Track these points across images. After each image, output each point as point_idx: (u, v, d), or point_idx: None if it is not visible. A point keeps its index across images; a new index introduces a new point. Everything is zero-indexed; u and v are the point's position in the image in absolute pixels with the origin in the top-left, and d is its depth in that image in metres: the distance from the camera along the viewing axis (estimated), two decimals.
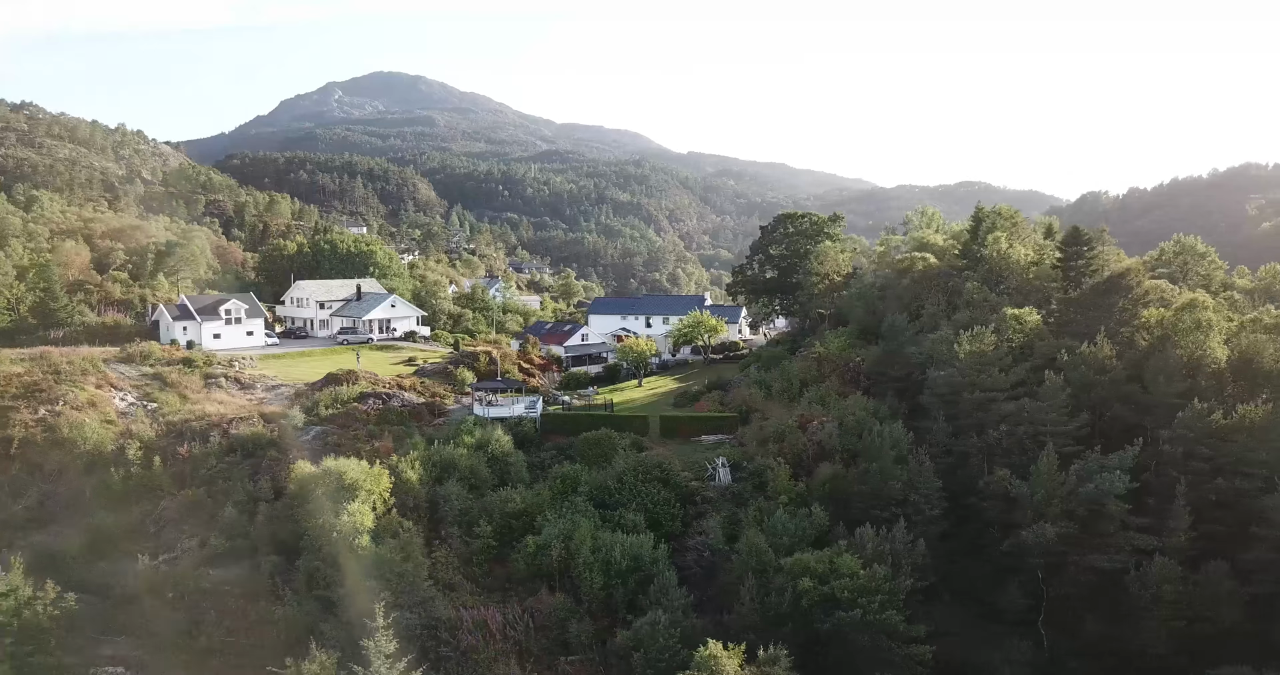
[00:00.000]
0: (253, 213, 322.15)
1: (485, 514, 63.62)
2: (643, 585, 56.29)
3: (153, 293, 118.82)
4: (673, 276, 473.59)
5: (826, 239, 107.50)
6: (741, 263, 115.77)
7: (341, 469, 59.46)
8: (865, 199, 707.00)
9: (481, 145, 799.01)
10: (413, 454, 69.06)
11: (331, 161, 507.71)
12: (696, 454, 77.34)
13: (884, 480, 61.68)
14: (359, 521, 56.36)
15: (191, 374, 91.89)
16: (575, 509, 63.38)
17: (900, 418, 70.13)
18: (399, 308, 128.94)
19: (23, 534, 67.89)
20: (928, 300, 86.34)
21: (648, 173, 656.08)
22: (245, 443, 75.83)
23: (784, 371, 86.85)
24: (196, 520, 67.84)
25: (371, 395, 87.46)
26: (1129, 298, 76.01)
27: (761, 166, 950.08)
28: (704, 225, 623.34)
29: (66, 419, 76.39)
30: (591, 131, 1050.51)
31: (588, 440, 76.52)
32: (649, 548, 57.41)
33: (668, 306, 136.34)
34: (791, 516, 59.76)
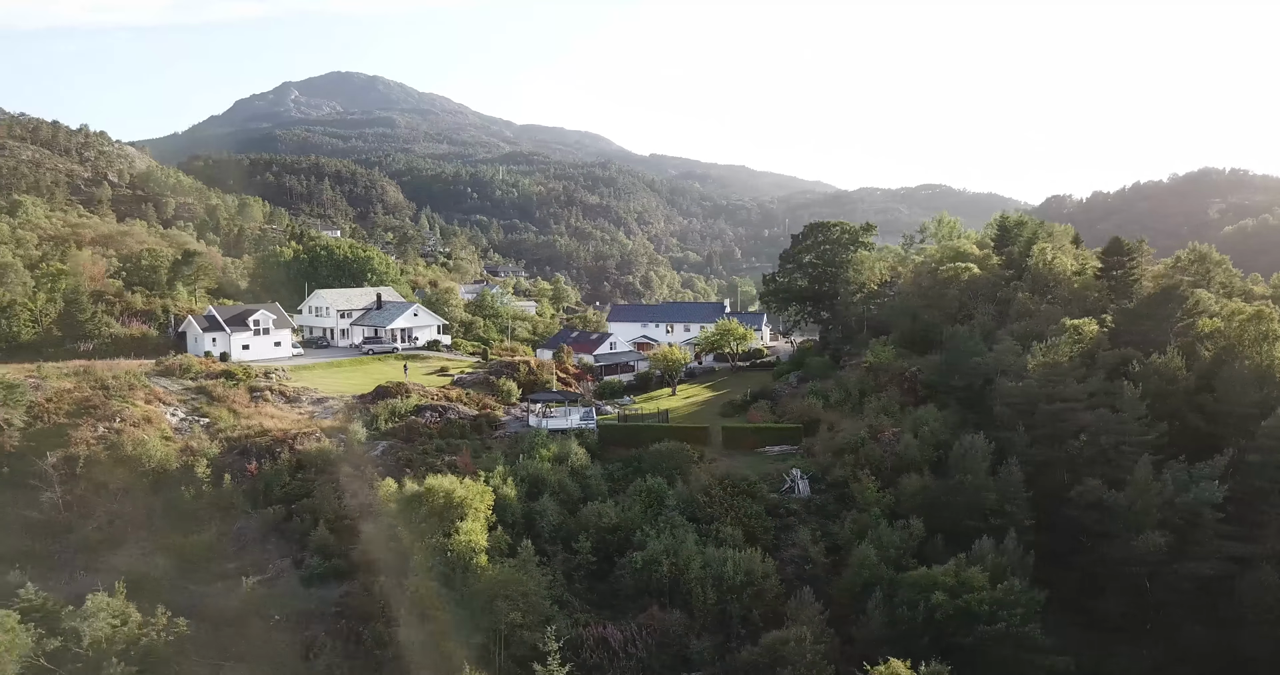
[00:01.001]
0: (225, 216, 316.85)
1: (582, 529, 63.59)
2: (756, 600, 56.82)
3: (174, 303, 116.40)
4: (645, 280, 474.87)
5: (861, 248, 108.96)
6: (773, 271, 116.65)
7: (448, 487, 58.91)
8: (830, 202, 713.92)
9: (445, 147, 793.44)
10: (499, 469, 68.66)
11: (298, 163, 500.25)
12: (765, 466, 77.95)
13: (977, 491, 62.75)
14: (474, 541, 56.01)
15: (236, 388, 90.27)
16: (671, 524, 63.58)
17: (980, 429, 71.19)
18: (421, 316, 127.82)
19: (97, 555, 66.36)
20: (977, 310, 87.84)
21: (614, 175, 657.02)
22: (314, 459, 74.91)
23: (840, 382, 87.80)
24: (281, 539, 66.98)
25: (428, 408, 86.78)
26: (1184, 308, 78.11)
27: (723, 169, 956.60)
28: (671, 228, 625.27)
29: (129, 436, 74.71)
30: (552, 133, 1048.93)
31: (659, 453, 76.66)
32: (759, 562, 57.87)
33: (688, 314, 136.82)
34: (890, 529, 60.63)
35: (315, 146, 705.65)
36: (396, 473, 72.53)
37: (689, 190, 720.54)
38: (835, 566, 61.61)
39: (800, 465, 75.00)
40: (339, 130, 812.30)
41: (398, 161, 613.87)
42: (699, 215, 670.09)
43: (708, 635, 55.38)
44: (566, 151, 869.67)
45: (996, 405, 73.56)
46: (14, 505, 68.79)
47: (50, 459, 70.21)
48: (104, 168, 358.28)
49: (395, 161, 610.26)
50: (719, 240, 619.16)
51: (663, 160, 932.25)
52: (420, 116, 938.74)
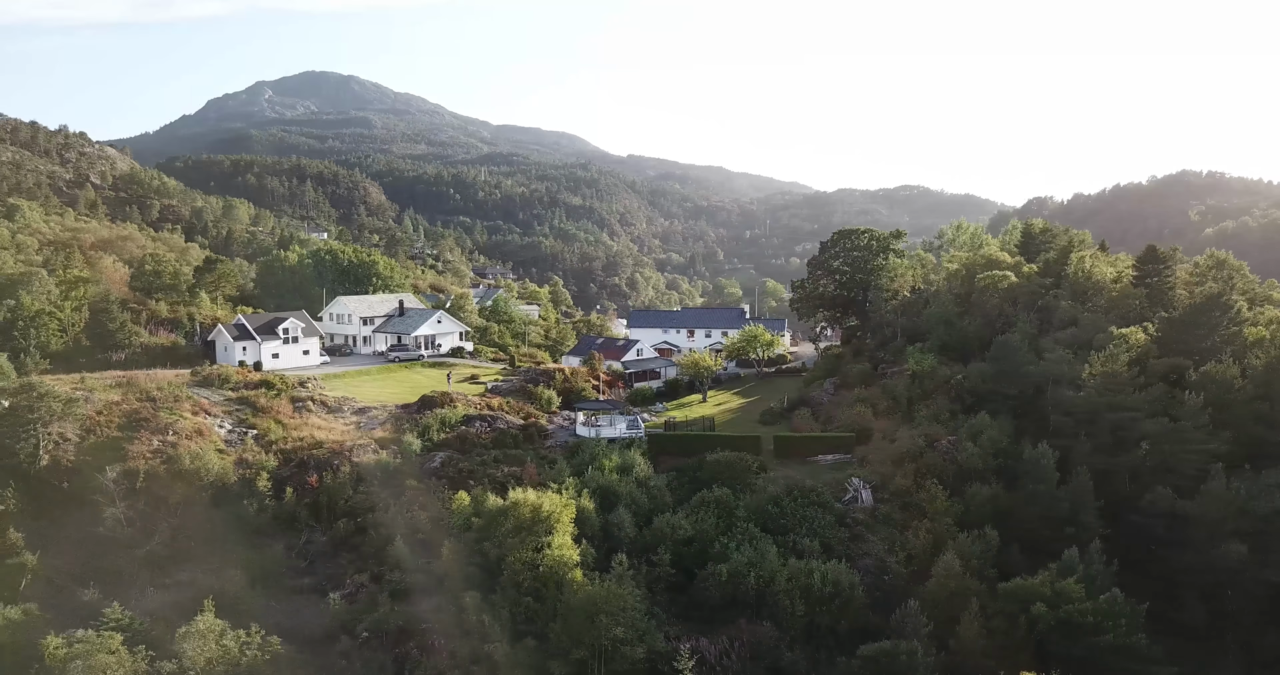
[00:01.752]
0: (211, 219, 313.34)
1: (659, 541, 63.76)
2: (843, 611, 57.35)
3: (198, 310, 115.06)
4: (631, 281, 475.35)
5: (892, 254, 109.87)
6: (802, 278, 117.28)
7: (535, 501, 58.93)
8: (809, 203, 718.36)
9: (423, 147, 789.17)
10: (570, 481, 68.68)
11: (279, 164, 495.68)
12: (822, 475, 78.42)
13: (1051, 501, 63.65)
14: (567, 555, 56.09)
15: (279, 398, 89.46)
16: (748, 535, 63.95)
17: (1038, 438, 72.10)
18: (444, 324, 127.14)
19: (165, 571, 65.71)
20: (1019, 318, 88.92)
21: (596, 176, 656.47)
22: (373, 471, 74.50)
23: (887, 389, 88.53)
24: (353, 554, 66.67)
25: (476, 418, 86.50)
26: (1229, 316, 79.60)
27: (701, 170, 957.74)
28: (653, 229, 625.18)
29: (185, 450, 73.90)
30: (529, 134, 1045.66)
31: (718, 463, 76.88)
32: (847, 573, 58.39)
33: (709, 320, 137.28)
34: (966, 539, 61.36)
35: (292, 147, 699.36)
36: (458, 485, 72.57)
37: (669, 191, 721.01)
38: (913, 577, 62.18)
39: (859, 474, 75.53)
40: (315, 130, 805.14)
41: (378, 162, 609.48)
42: (680, 216, 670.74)
43: (799, 647, 55.83)
44: (545, 152, 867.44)
45: (1054, 414, 74.52)
46: (77, 521, 68.00)
47: (110, 474, 69.28)
48: (85, 169, 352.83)
49: (375, 162, 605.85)
50: (701, 241, 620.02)
51: (641, 161, 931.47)
52: (397, 117, 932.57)
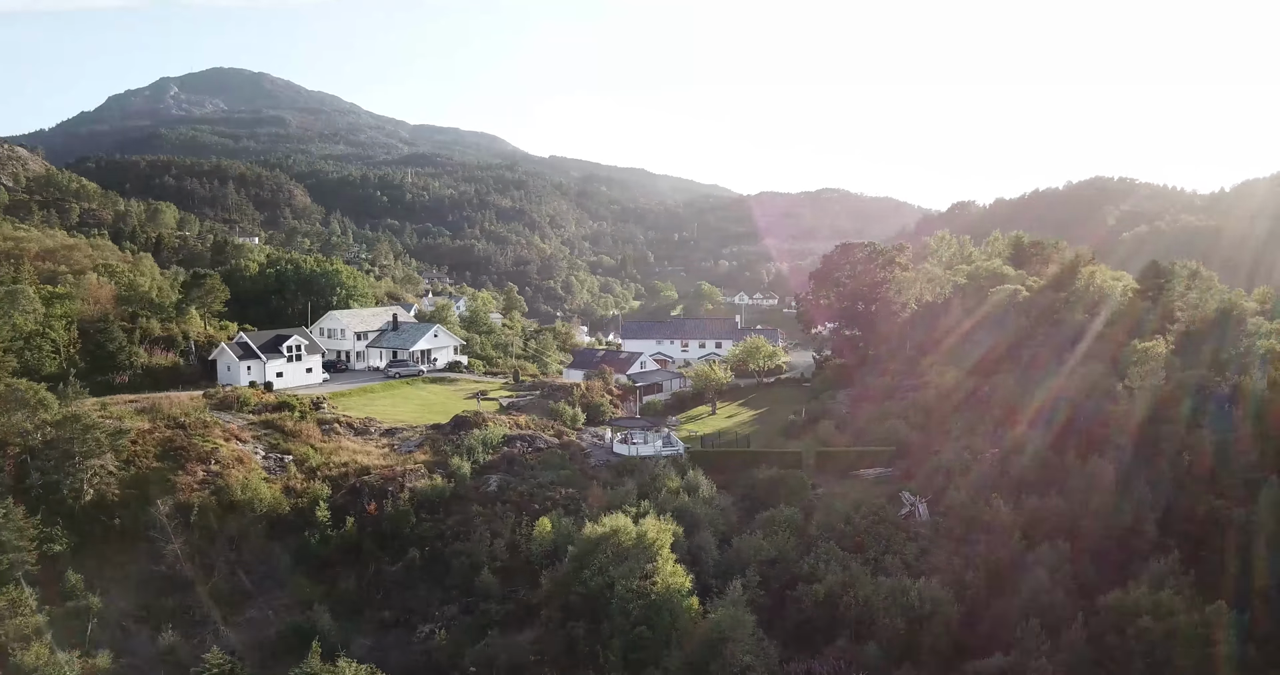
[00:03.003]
0: (136, 223, 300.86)
1: (744, 563, 64.17)
2: (943, 628, 58.72)
3: (191, 328, 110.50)
4: (566, 284, 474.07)
5: (898, 268, 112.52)
6: (805, 291, 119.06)
7: (632, 526, 58.80)
8: (734, 206, 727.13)
9: (342, 147, 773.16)
10: (644, 504, 68.57)
11: (199, 165, 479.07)
12: (870, 490, 79.98)
13: (1114, 513, 66.28)
14: (679, 582, 56.16)
15: (304, 421, 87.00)
16: (831, 554, 64.89)
17: (1082, 451, 74.90)
18: (440, 337, 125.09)
19: (231, 608, 63.55)
20: (1039, 332, 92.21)
21: (524, 178, 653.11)
22: (431, 497, 73.09)
23: (917, 403, 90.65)
24: (432, 584, 65.29)
25: (517, 438, 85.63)
26: (1241, 329, 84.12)
27: (623, 172, 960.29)
28: (582, 231, 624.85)
29: (235, 479, 71.30)
30: (448, 134, 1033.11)
31: (772, 480, 77.80)
32: (941, 590, 59.82)
33: (703, 331, 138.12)
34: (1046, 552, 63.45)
35: (204, 146, 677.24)
36: (523, 509, 71.95)
37: (596, 193, 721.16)
38: (991, 591, 63.88)
39: (909, 489, 77.25)
40: (228, 129, 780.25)
41: (300, 163, 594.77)
42: (609, 219, 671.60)
43: (905, 666, 56.97)
44: (466, 152, 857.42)
45: (1096, 427, 77.47)
46: (135, 560, 65.01)
47: (164, 508, 66.48)
48: None
49: (298, 164, 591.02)
50: (631, 244, 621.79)
51: (563, 162, 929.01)
52: (312, 116, 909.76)
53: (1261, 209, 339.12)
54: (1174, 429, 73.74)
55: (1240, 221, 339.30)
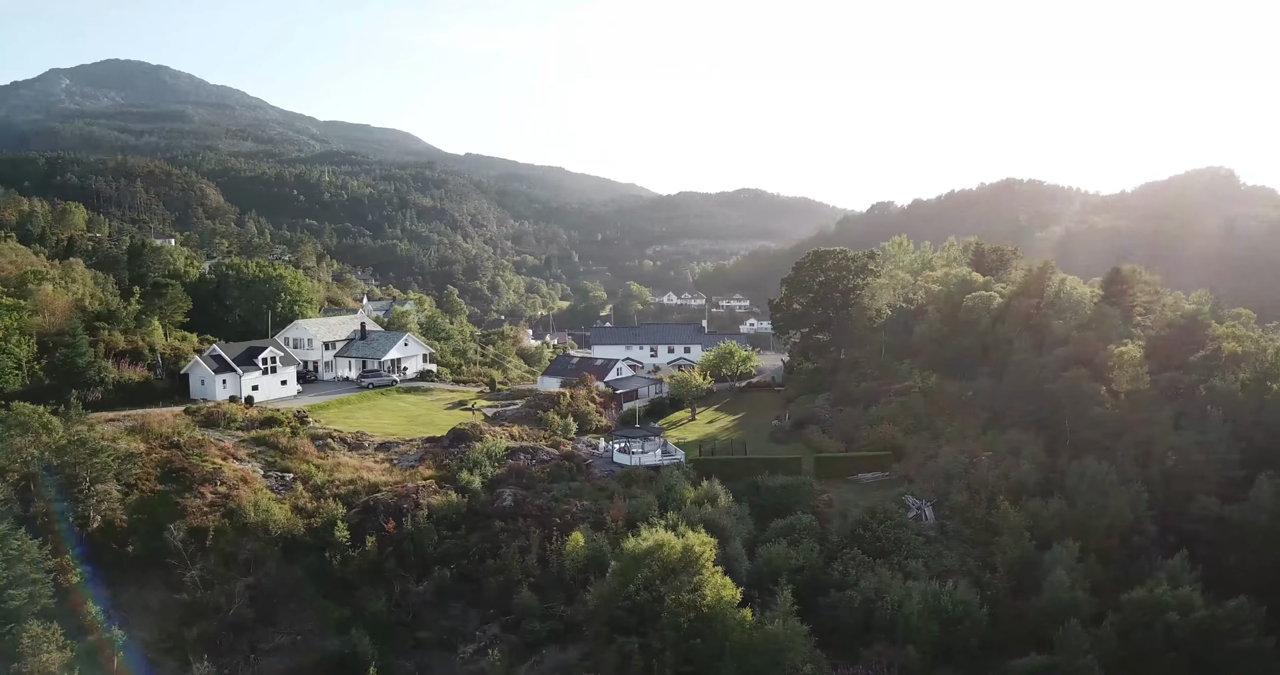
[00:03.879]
0: (44, 224, 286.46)
1: (774, 571, 65.31)
2: (973, 629, 60.98)
3: (156, 340, 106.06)
4: (493, 285, 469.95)
5: (870, 275, 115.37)
6: (778, 298, 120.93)
7: (675, 540, 59.33)
8: (656, 206, 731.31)
9: (250, 144, 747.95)
10: (671, 515, 69.11)
11: (104, 163, 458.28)
12: (871, 494, 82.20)
13: (1116, 513, 69.76)
14: (730, 595, 56.98)
15: (297, 437, 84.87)
16: (857, 560, 66.63)
17: (1073, 452, 78.46)
18: (411, 346, 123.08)
19: (258, 635, 61.83)
20: (1016, 337, 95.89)
21: (443, 176, 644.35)
22: (447, 513, 72.28)
23: (907, 407, 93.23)
24: (463, 603, 64.70)
25: (520, 450, 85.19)
26: (1205, 333, 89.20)
27: (540, 170, 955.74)
28: (504, 230, 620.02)
29: (246, 501, 69.23)
30: (360, 130, 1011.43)
31: (781, 488, 79.29)
32: (970, 592, 62.06)
33: (670, 336, 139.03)
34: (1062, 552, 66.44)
35: (102, 141, 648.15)
36: (543, 523, 71.79)
37: (517, 192, 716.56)
38: (1010, 591, 66.58)
39: (911, 492, 79.71)
40: (126, 124, 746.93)
41: (209, 160, 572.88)
42: (530, 217, 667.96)
43: (946, 668, 59.02)
44: (380, 150, 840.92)
45: (1079, 428, 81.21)
46: (151, 588, 62.72)
47: (177, 533, 64.27)
48: None
49: (206, 161, 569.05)
50: (554, 243, 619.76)
51: (480, 160, 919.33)
52: (216, 111, 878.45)
53: (1169, 211, 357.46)
54: (1159, 430, 77.86)
55: (1145, 222, 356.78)
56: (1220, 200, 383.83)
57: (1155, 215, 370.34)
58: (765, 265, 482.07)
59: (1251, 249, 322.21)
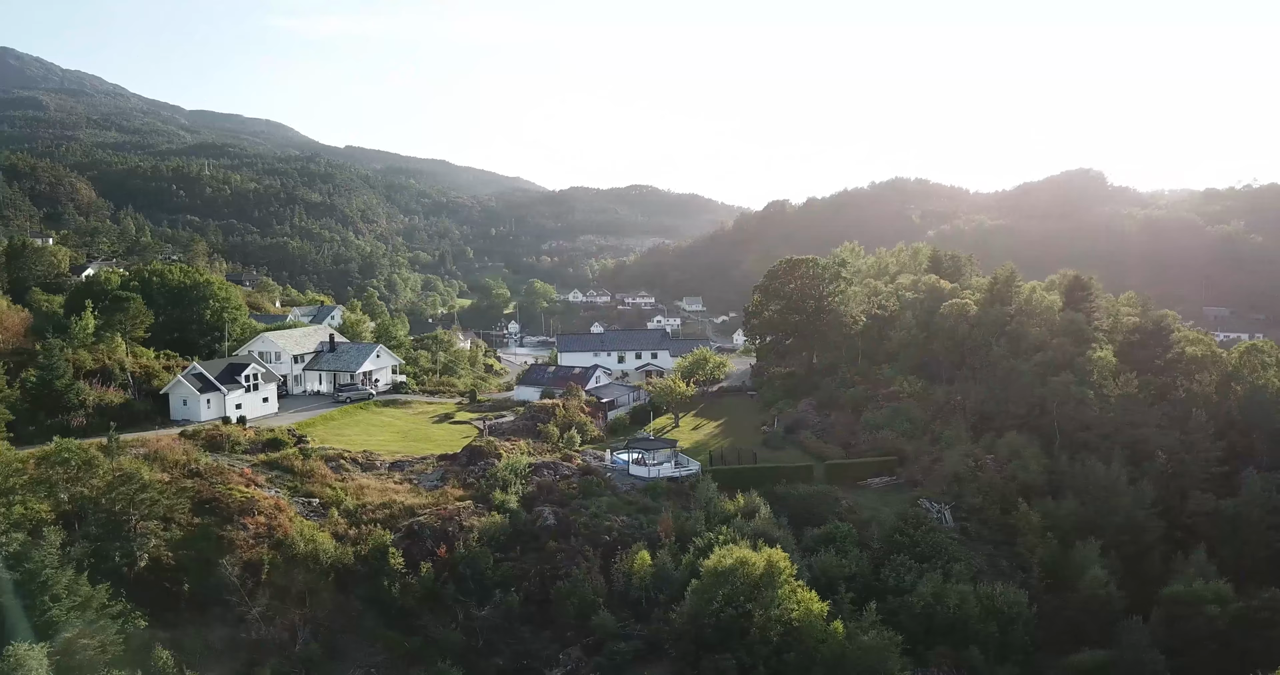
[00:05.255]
0: None
1: (832, 580, 67.64)
2: (1025, 627, 64.89)
3: (126, 359, 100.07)
4: (390, 283, 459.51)
5: (844, 282, 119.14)
6: (752, 305, 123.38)
7: (756, 557, 60.84)
8: (548, 201, 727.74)
9: (114, 134, 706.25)
10: (725, 530, 70.52)
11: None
12: (885, 499, 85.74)
13: (1128, 512, 75.16)
14: (819, 607, 58.88)
15: (309, 459, 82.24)
16: (907, 566, 69.66)
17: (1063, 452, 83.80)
18: (383, 357, 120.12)
19: (327, 671, 60.20)
20: (994, 342, 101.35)
21: (330, 171, 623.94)
22: (494, 535, 71.74)
23: (902, 412, 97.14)
24: (533, 626, 64.48)
25: (543, 466, 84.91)
26: (1171, 338, 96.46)
27: (423, 163, 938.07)
28: (395, 226, 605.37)
29: (293, 531, 67.02)
30: (231, 121, 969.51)
31: (805, 496, 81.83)
32: (1019, 593, 65.95)
33: (636, 342, 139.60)
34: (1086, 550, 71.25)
35: None
36: (591, 541, 72.13)
37: (405, 187, 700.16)
38: (1045, 589, 70.96)
39: (927, 496, 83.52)
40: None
41: (74, 152, 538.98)
42: (420, 213, 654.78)
43: (1006, 666, 62.61)
44: (256, 142, 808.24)
45: (1074, 431, 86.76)
46: (214, 627, 60.23)
47: (233, 569, 61.90)
48: None
49: (71, 152, 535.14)
50: (446, 239, 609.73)
51: (362, 153, 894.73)
52: (72, 98, 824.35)
53: (1048, 210, 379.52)
54: (1147, 431, 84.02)
55: (1029, 221, 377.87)
56: (1092, 199, 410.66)
57: (1036, 214, 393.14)
58: (666, 262, 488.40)
59: (1125, 245, 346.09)
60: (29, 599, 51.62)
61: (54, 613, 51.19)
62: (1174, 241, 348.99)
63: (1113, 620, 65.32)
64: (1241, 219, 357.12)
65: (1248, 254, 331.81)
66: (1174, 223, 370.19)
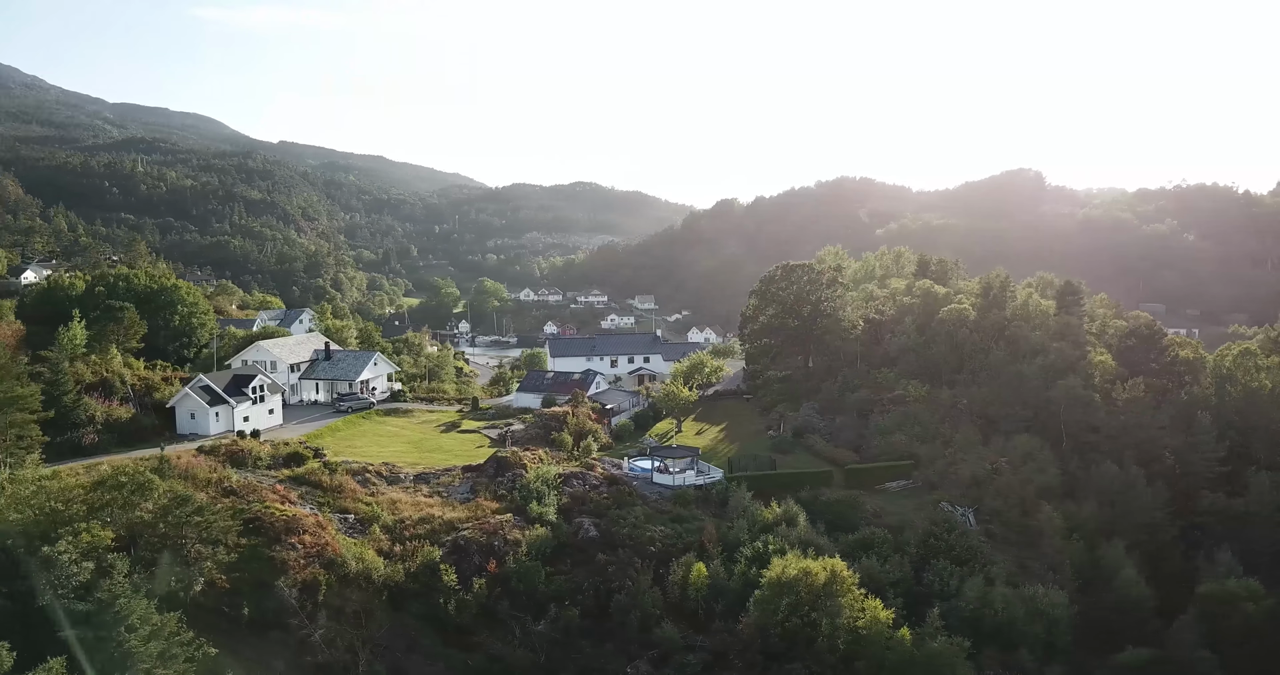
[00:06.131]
0: None
1: (880, 587, 69.08)
2: (1068, 629, 67.21)
3: (127, 371, 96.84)
4: (336, 282, 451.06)
5: (841, 287, 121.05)
6: (748, 309, 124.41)
7: (817, 566, 61.93)
8: (491, 198, 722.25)
9: (37, 128, 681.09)
10: (770, 538, 71.45)
11: None
12: (902, 502, 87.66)
13: (1146, 511, 78.22)
14: (885, 615, 60.20)
15: (336, 474, 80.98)
16: (949, 571, 71.48)
17: (1079, 455, 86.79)
18: (380, 365, 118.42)
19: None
20: (993, 347, 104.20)
21: (268, 168, 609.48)
22: (542, 547, 71.69)
23: (911, 416, 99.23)
24: (592, 640, 64.65)
25: (573, 477, 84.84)
26: (1162, 342, 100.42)
27: (361, 159, 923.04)
28: (336, 224, 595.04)
29: (344, 549, 66.11)
30: (158, 114, 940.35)
31: (837, 503, 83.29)
32: (1059, 594, 68.28)
33: (628, 346, 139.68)
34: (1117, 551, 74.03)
35: None
36: (638, 553, 72.51)
37: (345, 183, 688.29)
38: (1079, 589, 73.49)
39: (948, 500, 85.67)
40: None
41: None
42: (361, 210, 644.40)
43: (1056, 666, 64.83)
44: (187, 137, 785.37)
45: (1083, 433, 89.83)
46: (275, 652, 59.21)
47: (291, 591, 60.92)
48: None
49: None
50: (390, 236, 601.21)
51: (297, 149, 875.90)
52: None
53: (991, 209, 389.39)
54: (1154, 433, 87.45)
55: (974, 219, 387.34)
56: (1032, 198, 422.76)
57: (980, 213, 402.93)
58: (617, 260, 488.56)
59: (1066, 243, 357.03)
60: (102, 630, 50.25)
61: (131, 644, 49.84)
62: (1110, 239, 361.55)
63: (1143, 619, 68.01)
64: (1174, 218, 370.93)
65: (1180, 252, 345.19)
66: (1109, 222, 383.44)
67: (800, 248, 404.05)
